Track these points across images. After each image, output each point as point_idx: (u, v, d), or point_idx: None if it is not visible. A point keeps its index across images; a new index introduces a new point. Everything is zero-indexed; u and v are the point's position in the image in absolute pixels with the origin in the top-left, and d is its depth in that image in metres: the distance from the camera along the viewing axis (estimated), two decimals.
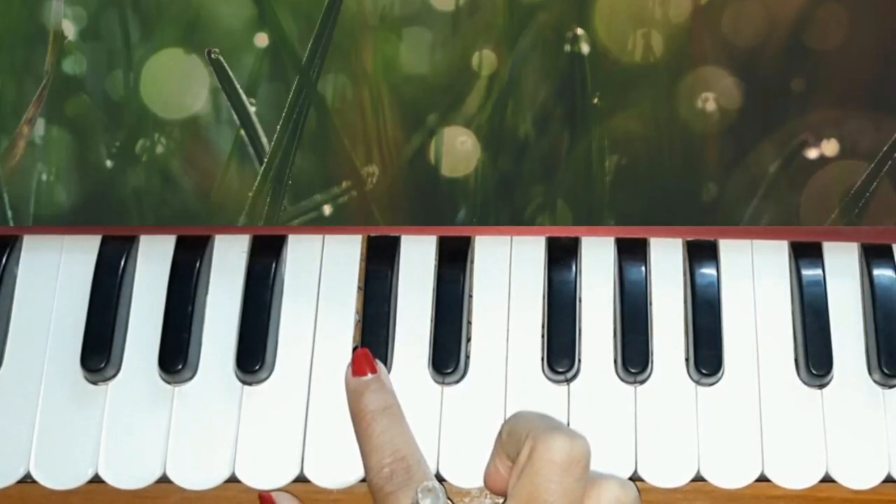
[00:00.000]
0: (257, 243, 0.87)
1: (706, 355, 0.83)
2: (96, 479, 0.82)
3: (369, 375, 0.80)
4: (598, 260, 0.86)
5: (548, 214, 0.86)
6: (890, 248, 0.85)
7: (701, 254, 0.86)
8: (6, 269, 0.86)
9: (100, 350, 0.83)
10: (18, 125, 0.87)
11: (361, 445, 0.78)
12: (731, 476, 0.82)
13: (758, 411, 0.83)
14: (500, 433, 0.77)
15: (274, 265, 0.86)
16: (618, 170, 0.86)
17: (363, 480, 0.82)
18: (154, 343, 0.84)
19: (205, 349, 0.85)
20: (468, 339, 0.85)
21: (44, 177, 0.87)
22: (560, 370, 0.82)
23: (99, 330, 0.84)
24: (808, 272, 0.85)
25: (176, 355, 0.83)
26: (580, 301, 0.85)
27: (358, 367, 0.80)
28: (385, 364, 0.83)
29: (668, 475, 0.82)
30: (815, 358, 0.82)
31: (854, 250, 0.86)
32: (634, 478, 0.82)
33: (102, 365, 0.83)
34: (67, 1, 0.88)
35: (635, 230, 0.86)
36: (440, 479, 0.82)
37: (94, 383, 0.84)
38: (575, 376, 0.83)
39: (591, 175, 0.86)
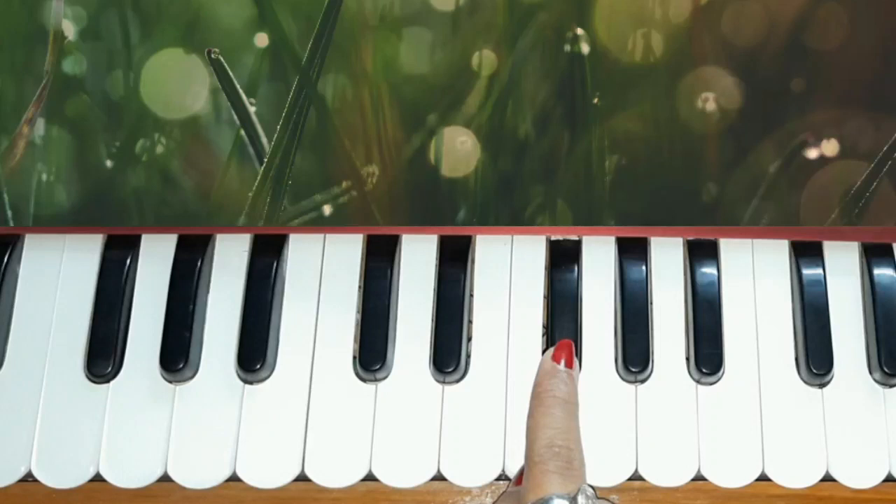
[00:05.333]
0: (258, 243, 0.87)
1: (707, 354, 0.83)
2: (98, 478, 0.82)
3: (564, 367, 0.80)
4: (598, 259, 0.86)
5: (548, 214, 0.86)
6: (890, 248, 0.85)
7: (701, 253, 0.86)
8: (8, 268, 0.86)
9: (101, 349, 0.84)
10: (18, 125, 0.87)
11: (535, 419, 0.78)
12: (732, 475, 0.82)
13: (758, 410, 0.83)
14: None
15: (275, 265, 0.86)
16: (618, 170, 0.86)
17: (363, 479, 0.82)
18: (155, 342, 0.84)
19: (206, 348, 0.85)
20: (469, 339, 0.85)
21: (44, 177, 0.87)
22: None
23: (100, 329, 0.84)
24: (809, 271, 0.85)
25: (177, 354, 0.83)
26: (581, 300, 0.85)
27: (560, 353, 0.80)
28: (385, 363, 0.83)
29: (668, 474, 0.82)
30: (815, 357, 0.82)
31: (854, 249, 0.86)
32: (635, 477, 0.82)
33: (104, 364, 0.83)
34: (67, 1, 0.88)
35: (635, 230, 0.86)
36: (441, 478, 0.82)
37: (96, 382, 0.84)
38: None
39: (591, 175, 0.86)
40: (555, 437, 0.76)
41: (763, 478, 0.82)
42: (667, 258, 0.86)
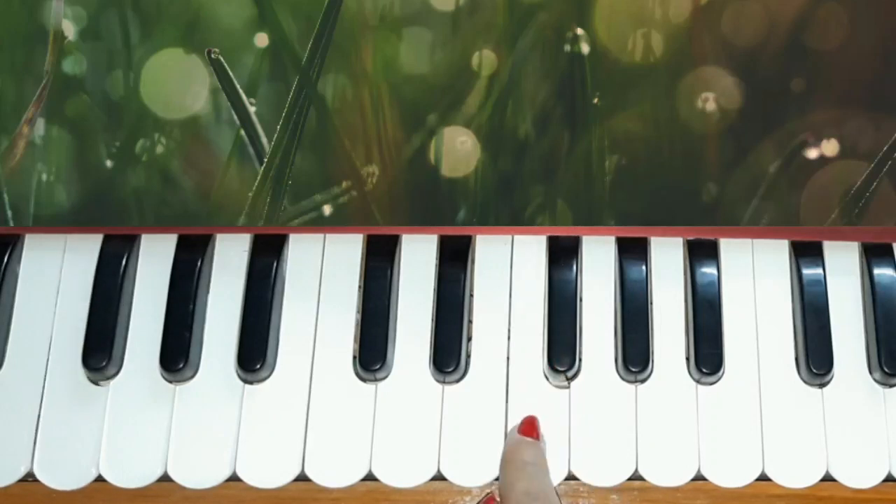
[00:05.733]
0: (258, 243, 0.87)
1: (707, 354, 0.83)
2: (97, 478, 0.82)
3: (532, 440, 0.80)
4: (598, 259, 0.86)
5: (548, 214, 0.86)
6: (890, 248, 0.85)
7: (701, 253, 0.86)
8: (8, 268, 0.86)
9: (101, 349, 0.83)
10: (18, 125, 0.87)
11: (508, 478, 0.79)
12: (732, 475, 0.82)
13: (758, 410, 0.83)
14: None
15: (275, 264, 0.86)
16: (618, 170, 0.86)
17: (363, 479, 0.82)
18: (155, 342, 0.84)
19: (206, 348, 0.85)
20: (469, 339, 0.85)
21: (44, 177, 0.87)
22: (561, 369, 0.82)
23: (100, 329, 0.84)
24: (809, 271, 0.85)
25: (177, 354, 0.83)
26: (581, 300, 0.85)
27: (527, 429, 0.81)
28: (385, 363, 0.83)
29: (668, 474, 0.82)
30: (815, 357, 0.82)
31: (854, 249, 0.86)
32: (635, 477, 0.82)
33: (104, 364, 0.83)
34: (67, 1, 0.88)
35: (635, 230, 0.86)
36: (441, 477, 0.82)
37: (96, 382, 0.84)
38: (576, 375, 0.83)
39: (591, 175, 0.86)
40: (530, 487, 0.77)
41: (763, 478, 0.82)
42: (667, 258, 0.86)
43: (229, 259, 0.87)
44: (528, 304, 0.86)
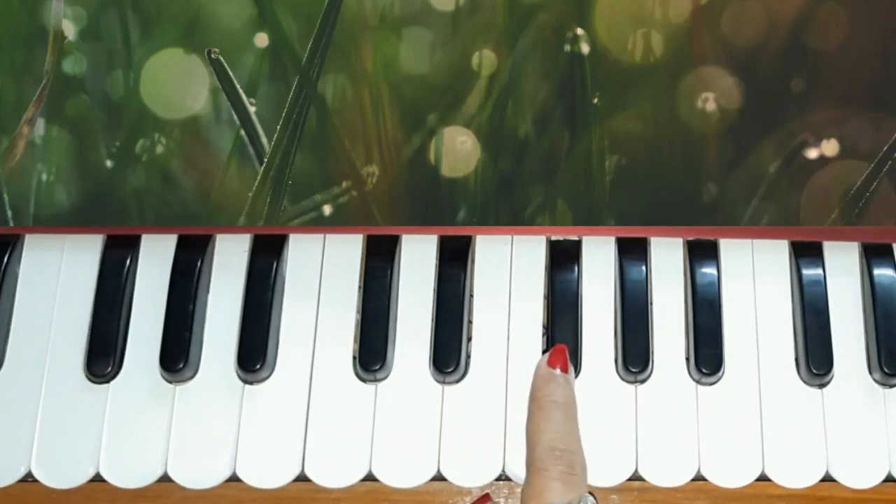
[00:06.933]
0: (258, 243, 0.87)
1: (707, 354, 0.83)
2: (97, 478, 0.82)
3: (560, 371, 0.80)
4: (598, 259, 0.86)
5: (548, 214, 0.86)
6: (890, 248, 0.85)
7: (701, 253, 0.86)
8: (8, 268, 0.86)
9: (101, 349, 0.84)
10: (18, 125, 0.87)
11: (535, 424, 0.78)
12: (732, 475, 0.82)
13: (758, 410, 0.83)
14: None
15: (275, 265, 0.86)
16: (618, 170, 0.86)
17: (363, 479, 0.82)
18: (155, 342, 0.84)
19: (206, 348, 0.85)
20: (469, 339, 0.85)
21: (44, 177, 0.87)
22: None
23: (100, 329, 0.84)
24: (809, 271, 0.85)
25: (177, 354, 0.83)
26: (581, 300, 0.85)
27: (555, 358, 0.80)
28: (385, 363, 0.83)
29: (668, 474, 0.82)
30: (815, 357, 0.82)
31: (854, 250, 0.86)
32: (635, 477, 0.82)
33: (104, 364, 0.83)
34: (67, 1, 0.88)
35: (635, 230, 0.86)
36: (441, 478, 0.82)
37: (96, 382, 0.84)
38: (576, 375, 0.83)
39: (591, 175, 0.86)
40: (556, 441, 0.77)
41: (763, 478, 0.82)
42: (667, 258, 0.86)
43: (229, 259, 0.87)
44: (528, 304, 0.86)
